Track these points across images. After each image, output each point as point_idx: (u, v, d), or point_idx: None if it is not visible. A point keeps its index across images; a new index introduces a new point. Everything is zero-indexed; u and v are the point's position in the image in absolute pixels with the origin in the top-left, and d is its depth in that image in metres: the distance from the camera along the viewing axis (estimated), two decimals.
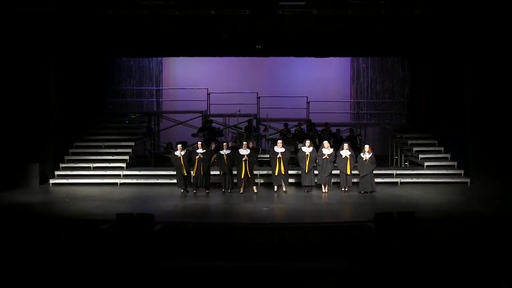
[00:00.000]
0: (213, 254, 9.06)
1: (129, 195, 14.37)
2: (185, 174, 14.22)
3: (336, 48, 16.33)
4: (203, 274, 8.12)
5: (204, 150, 14.38)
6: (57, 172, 16.11)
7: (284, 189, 14.42)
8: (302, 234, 10.12)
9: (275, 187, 14.45)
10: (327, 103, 19.78)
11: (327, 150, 14.42)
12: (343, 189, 14.48)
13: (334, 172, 14.65)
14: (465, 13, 13.83)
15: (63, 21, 14.19)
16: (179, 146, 14.47)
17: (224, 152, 14.39)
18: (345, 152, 14.38)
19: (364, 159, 14.29)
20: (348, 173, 14.31)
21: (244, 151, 14.27)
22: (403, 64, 20.36)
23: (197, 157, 14.24)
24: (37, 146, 15.44)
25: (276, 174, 14.30)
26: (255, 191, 14.32)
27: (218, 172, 14.74)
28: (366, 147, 14.61)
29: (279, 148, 14.41)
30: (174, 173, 14.69)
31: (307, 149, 14.41)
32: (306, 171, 14.32)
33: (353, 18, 14.25)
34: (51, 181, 15.72)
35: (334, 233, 10.10)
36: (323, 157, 14.33)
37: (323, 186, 14.47)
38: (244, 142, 14.56)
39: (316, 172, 14.61)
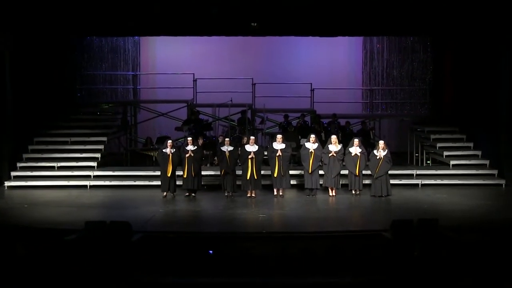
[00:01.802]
0: (199, 269, 9.07)
1: (100, 199, 14.38)
2: (169, 175, 14.23)
3: (345, 25, 16.31)
4: None
5: (195, 147, 14.38)
6: (13, 173, 16.08)
7: (280, 192, 14.44)
8: (305, 245, 10.15)
9: (275, 190, 14.45)
10: (334, 91, 19.84)
11: (334, 146, 14.44)
12: (353, 192, 14.52)
13: (342, 172, 14.68)
14: None
15: None
16: (169, 142, 14.47)
17: (226, 148, 14.34)
18: (356, 149, 14.40)
19: (378, 158, 14.30)
20: (357, 173, 14.34)
21: (250, 148, 14.27)
22: (425, 45, 20.40)
23: (187, 155, 14.24)
24: None
25: (275, 176, 14.31)
26: (254, 195, 14.33)
27: (208, 173, 14.75)
28: (381, 143, 14.63)
29: (278, 145, 14.41)
30: (154, 173, 14.68)
31: (311, 145, 14.42)
32: (310, 171, 14.34)
33: None
34: (6, 183, 15.68)
35: (343, 244, 10.14)
36: (330, 155, 14.35)
37: (329, 189, 14.50)
38: (252, 137, 14.56)
39: (321, 172, 14.64)
